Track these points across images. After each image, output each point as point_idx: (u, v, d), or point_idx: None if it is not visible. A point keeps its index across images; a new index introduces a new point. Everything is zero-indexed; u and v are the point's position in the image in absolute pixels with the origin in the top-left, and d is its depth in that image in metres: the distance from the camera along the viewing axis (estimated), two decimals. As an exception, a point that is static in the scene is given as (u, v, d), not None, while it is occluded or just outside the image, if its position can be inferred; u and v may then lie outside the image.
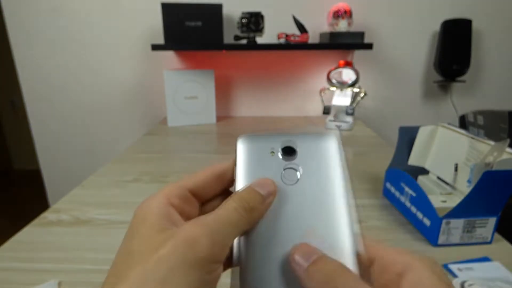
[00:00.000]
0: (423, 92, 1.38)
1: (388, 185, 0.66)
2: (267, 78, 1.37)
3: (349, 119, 1.20)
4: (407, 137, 0.67)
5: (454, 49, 1.24)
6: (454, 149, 0.60)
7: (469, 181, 0.54)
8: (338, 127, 1.19)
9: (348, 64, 1.17)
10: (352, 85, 1.17)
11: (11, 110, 2.74)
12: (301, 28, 1.18)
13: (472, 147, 0.56)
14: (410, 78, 1.36)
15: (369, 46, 1.17)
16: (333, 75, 1.18)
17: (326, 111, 1.20)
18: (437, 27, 1.26)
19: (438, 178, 0.64)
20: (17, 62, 1.32)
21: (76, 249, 0.51)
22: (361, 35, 1.17)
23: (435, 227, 0.51)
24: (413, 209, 0.56)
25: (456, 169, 0.59)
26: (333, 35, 1.16)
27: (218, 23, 1.12)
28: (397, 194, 0.62)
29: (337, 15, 1.18)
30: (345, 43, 1.18)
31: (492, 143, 0.52)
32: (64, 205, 0.64)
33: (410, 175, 0.58)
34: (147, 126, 1.40)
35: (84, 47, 1.31)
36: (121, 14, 1.27)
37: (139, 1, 1.25)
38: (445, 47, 1.24)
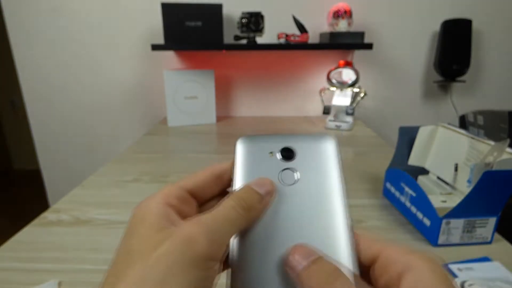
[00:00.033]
0: (423, 92, 1.38)
1: (388, 185, 0.66)
2: (267, 78, 1.37)
3: (349, 119, 1.20)
4: (407, 137, 0.67)
5: (454, 49, 1.24)
6: (454, 149, 0.60)
7: (469, 181, 0.54)
8: (338, 127, 1.19)
9: (348, 64, 1.17)
10: (352, 85, 1.17)
11: (11, 110, 2.74)
12: (301, 28, 1.18)
13: (472, 147, 0.56)
14: (410, 78, 1.36)
15: (369, 46, 1.17)
16: (333, 75, 1.18)
17: (326, 111, 1.20)
18: (437, 27, 1.26)
19: (438, 178, 0.64)
20: (17, 62, 1.32)
21: (76, 249, 0.51)
22: (361, 35, 1.17)
23: (435, 227, 0.51)
24: (413, 209, 0.56)
25: (456, 169, 0.59)
26: (333, 35, 1.16)
27: (218, 23, 1.12)
28: (397, 194, 0.62)
29: (337, 15, 1.18)
30: (345, 43, 1.18)
31: (492, 143, 0.52)
32: (64, 205, 0.64)
33: (410, 175, 0.58)
34: (147, 126, 1.40)
35: (84, 47, 1.31)
36: (121, 14, 1.27)
37: (139, 1, 1.25)
38: (445, 47, 1.24)
